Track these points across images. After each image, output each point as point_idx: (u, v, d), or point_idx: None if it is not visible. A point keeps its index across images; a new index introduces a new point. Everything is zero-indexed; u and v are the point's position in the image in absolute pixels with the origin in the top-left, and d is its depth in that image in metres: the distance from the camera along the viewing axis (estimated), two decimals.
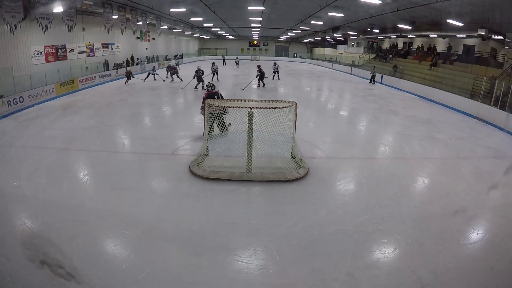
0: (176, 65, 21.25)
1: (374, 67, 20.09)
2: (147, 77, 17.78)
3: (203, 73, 14.57)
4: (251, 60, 38.30)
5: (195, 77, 14.45)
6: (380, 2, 13.23)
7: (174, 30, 27.76)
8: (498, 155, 7.16)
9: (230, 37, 40.84)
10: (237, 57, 31.81)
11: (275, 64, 19.47)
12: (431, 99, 13.88)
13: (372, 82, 19.35)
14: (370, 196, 4.92)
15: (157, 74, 18.28)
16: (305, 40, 39.94)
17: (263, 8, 17.59)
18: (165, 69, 19.44)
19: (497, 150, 7.50)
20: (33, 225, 3.97)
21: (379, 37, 26.01)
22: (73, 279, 3.06)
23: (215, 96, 7.54)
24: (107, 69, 18.37)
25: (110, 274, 3.17)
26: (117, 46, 20.67)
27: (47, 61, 13.93)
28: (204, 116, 5.98)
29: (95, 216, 4.20)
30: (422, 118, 10.38)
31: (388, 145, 7.68)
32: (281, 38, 40.45)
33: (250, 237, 3.84)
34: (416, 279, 3.20)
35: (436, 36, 18.98)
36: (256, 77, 16.03)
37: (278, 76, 19.00)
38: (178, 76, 17.53)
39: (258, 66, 16.58)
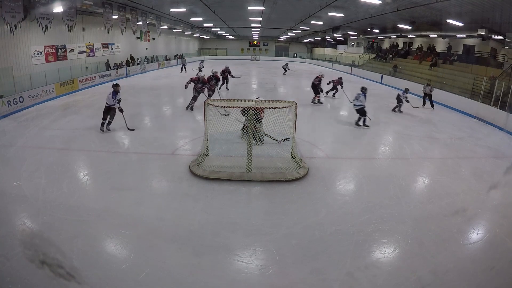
0: (201, 69, 19.61)
1: (429, 80, 13.07)
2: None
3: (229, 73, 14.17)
4: (251, 60, 38.25)
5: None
6: (380, 2, 13.24)
7: (174, 30, 27.77)
8: (498, 155, 7.17)
9: (230, 37, 40.85)
10: (286, 64, 23.96)
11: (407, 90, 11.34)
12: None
13: (431, 105, 11.93)
14: (370, 196, 4.92)
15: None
16: (305, 40, 39.97)
17: (263, 8, 17.60)
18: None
19: (497, 150, 7.51)
20: (33, 225, 3.97)
21: (379, 37, 26.03)
22: (73, 279, 3.06)
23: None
24: (109, 69, 18.37)
25: (110, 274, 3.17)
26: (117, 46, 20.66)
27: (47, 61, 13.91)
28: (205, 117, 5.93)
29: (95, 216, 4.19)
30: (422, 118, 10.39)
31: (388, 145, 7.68)
32: (281, 38, 40.46)
33: (250, 237, 3.84)
34: (416, 279, 3.20)
35: (436, 36, 19.00)
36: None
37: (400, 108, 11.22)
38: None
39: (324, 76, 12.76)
